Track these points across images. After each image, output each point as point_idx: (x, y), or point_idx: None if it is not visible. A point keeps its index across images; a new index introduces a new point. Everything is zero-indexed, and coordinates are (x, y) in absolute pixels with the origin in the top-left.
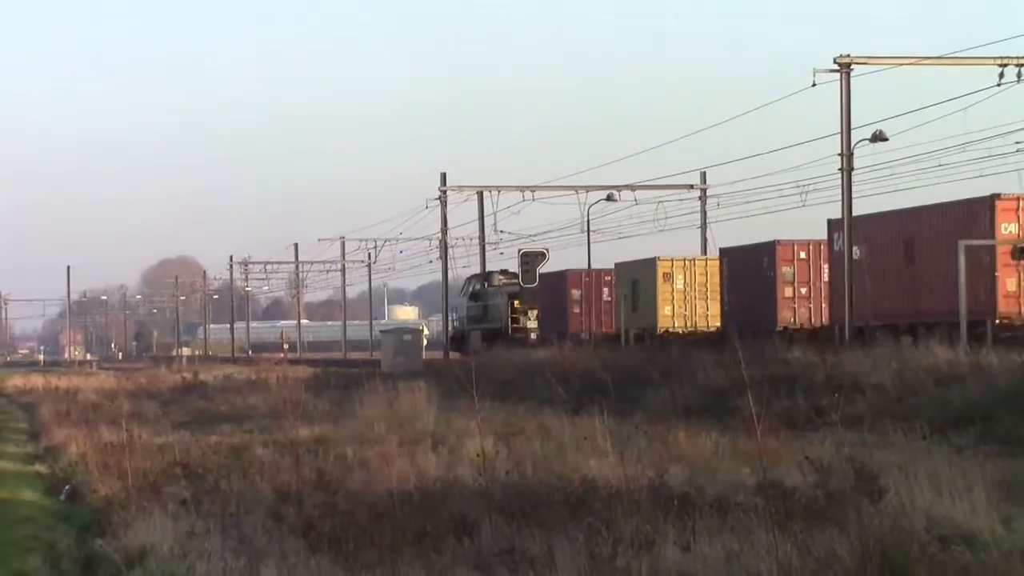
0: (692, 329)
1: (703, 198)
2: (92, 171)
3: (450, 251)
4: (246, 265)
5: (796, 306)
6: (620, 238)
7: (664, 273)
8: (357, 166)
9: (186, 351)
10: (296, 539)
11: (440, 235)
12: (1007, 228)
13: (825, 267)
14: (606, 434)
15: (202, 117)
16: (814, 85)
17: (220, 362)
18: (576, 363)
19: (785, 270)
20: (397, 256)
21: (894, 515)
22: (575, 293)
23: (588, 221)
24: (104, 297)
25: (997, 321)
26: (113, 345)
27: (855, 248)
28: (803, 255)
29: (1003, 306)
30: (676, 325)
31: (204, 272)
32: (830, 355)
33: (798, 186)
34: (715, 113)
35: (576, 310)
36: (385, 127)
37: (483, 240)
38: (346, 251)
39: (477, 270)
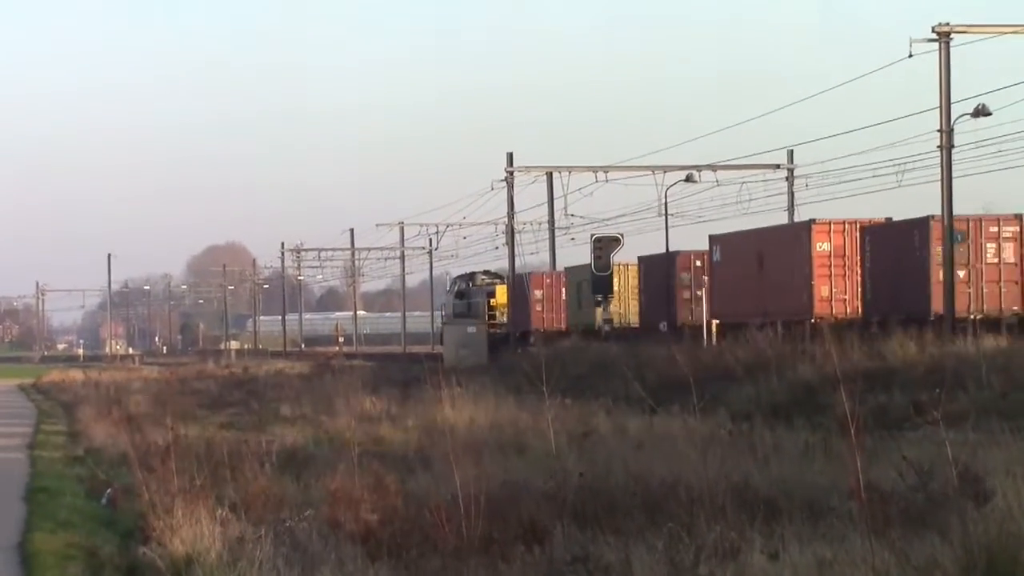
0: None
1: (790, 178)
2: (137, 158)
3: (517, 236)
4: (298, 252)
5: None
6: (700, 221)
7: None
8: (417, 148)
9: (234, 345)
10: (353, 546)
11: (506, 219)
12: (821, 246)
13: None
14: (687, 434)
15: (253, 100)
16: (910, 56)
17: (271, 356)
18: (654, 358)
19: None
20: (460, 242)
21: (1001, 520)
22: (537, 293)
23: (666, 204)
24: (147, 287)
25: (812, 320)
26: (157, 338)
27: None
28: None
29: (818, 308)
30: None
31: (254, 260)
32: (932, 348)
33: (894, 165)
34: (802, 88)
35: (538, 308)
36: (448, 107)
37: (552, 224)
38: (405, 237)
39: (546, 257)
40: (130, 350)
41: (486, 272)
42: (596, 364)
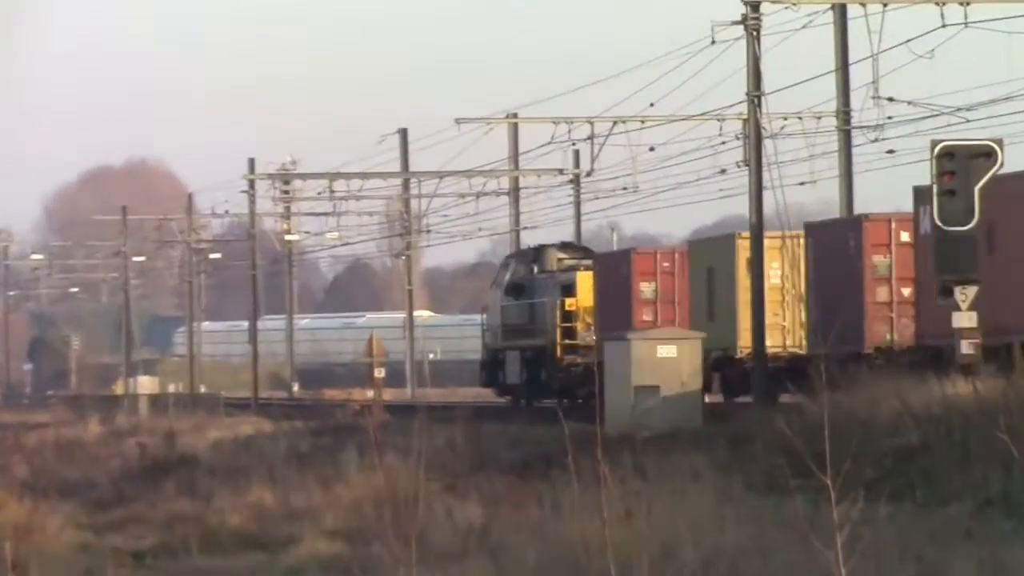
0: None
1: None
2: None
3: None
4: (285, 181)
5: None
6: None
7: None
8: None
9: (145, 381)
10: None
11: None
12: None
13: None
14: None
15: None
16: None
17: (224, 407)
18: None
19: None
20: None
21: None
22: (645, 287)
23: None
24: None
25: None
26: None
27: None
28: None
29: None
30: None
31: (189, 196)
32: None
33: None
34: None
35: (645, 316)
36: None
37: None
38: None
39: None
40: None
41: (566, 246)
42: (934, 428)
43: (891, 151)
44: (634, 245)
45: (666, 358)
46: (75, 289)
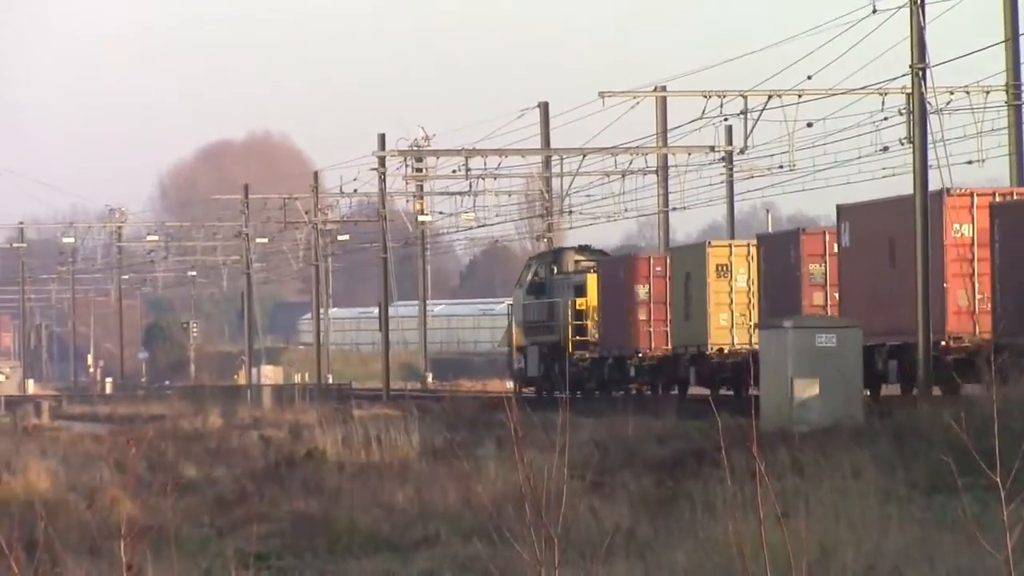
0: None
1: None
2: None
3: None
4: (417, 159)
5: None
6: None
7: None
8: None
9: (269, 372)
10: None
11: None
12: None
13: None
14: None
15: None
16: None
17: (353, 400)
18: None
19: None
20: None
21: None
22: (641, 291)
23: None
24: (69, 240)
25: None
26: (92, 359)
27: None
28: None
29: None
30: None
31: (315, 175)
32: None
33: None
34: None
35: (642, 316)
36: None
37: None
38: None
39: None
40: (29, 384)
41: (583, 248)
42: None
43: None
44: (794, 227)
45: (825, 348)
46: (193, 272)
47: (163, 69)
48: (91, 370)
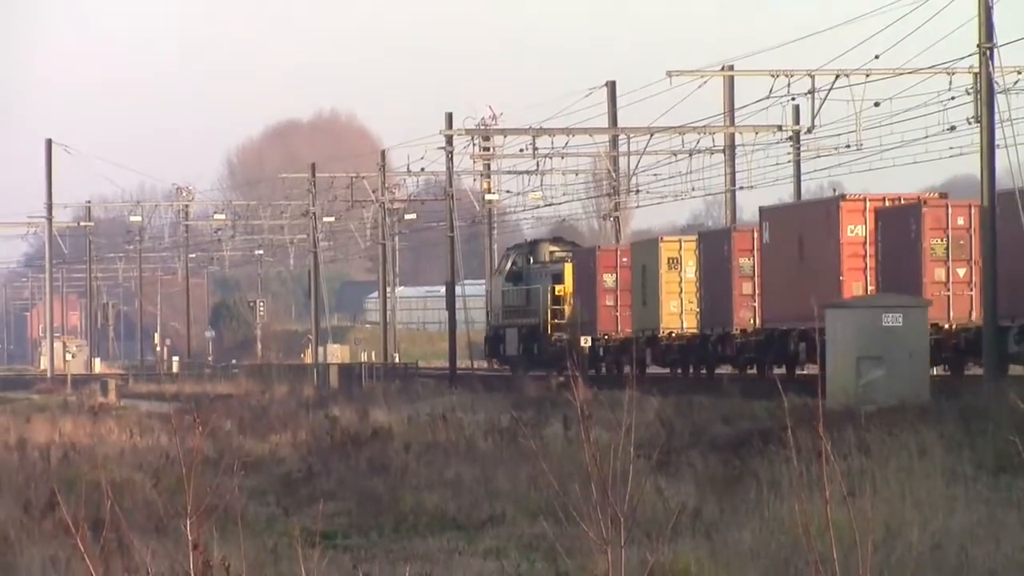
0: None
1: None
2: None
3: None
4: (485, 138)
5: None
6: None
7: None
8: None
9: (335, 351)
10: None
11: None
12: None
13: None
14: None
15: None
16: None
17: (418, 379)
18: None
19: None
20: None
21: None
22: (607, 279)
23: None
24: (135, 219)
25: None
26: (158, 339)
27: None
28: None
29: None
30: None
31: (382, 153)
32: None
33: None
34: None
35: (608, 302)
36: None
37: None
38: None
39: None
40: (96, 363)
41: (556, 240)
42: None
43: None
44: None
45: (891, 327)
46: (260, 251)
47: (232, 48)
48: (158, 349)
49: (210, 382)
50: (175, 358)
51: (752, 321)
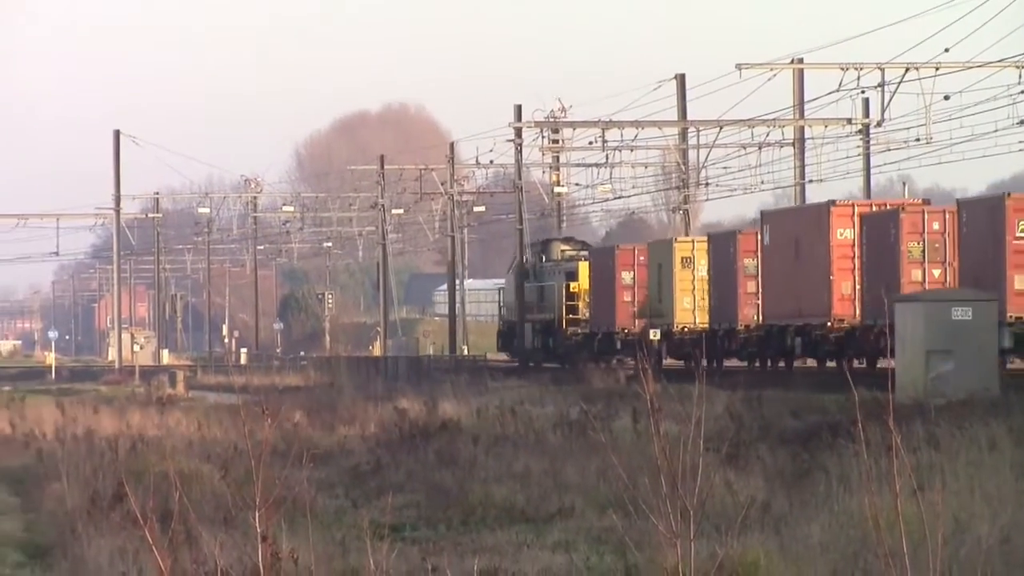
0: None
1: None
2: None
3: None
4: (554, 130)
5: None
6: None
7: None
8: None
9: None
10: None
11: None
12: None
13: None
14: None
15: None
16: None
17: (487, 371)
18: None
19: None
20: None
21: None
22: (626, 276)
23: None
24: (204, 210)
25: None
26: (226, 330)
27: None
28: None
29: None
30: None
31: (451, 145)
32: None
33: None
34: None
35: (626, 298)
36: None
37: None
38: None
39: None
40: (164, 354)
41: (568, 240)
42: None
43: None
44: (927, 198)
45: (961, 320)
46: (328, 243)
47: (301, 40)
48: (226, 340)
49: (278, 374)
50: (243, 350)
51: (755, 318)
